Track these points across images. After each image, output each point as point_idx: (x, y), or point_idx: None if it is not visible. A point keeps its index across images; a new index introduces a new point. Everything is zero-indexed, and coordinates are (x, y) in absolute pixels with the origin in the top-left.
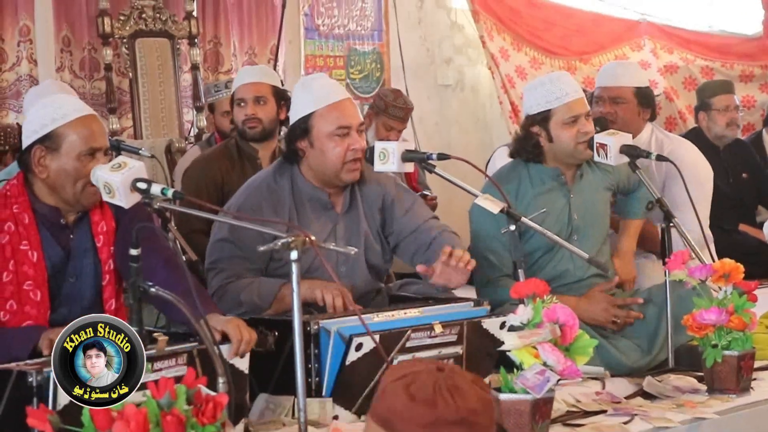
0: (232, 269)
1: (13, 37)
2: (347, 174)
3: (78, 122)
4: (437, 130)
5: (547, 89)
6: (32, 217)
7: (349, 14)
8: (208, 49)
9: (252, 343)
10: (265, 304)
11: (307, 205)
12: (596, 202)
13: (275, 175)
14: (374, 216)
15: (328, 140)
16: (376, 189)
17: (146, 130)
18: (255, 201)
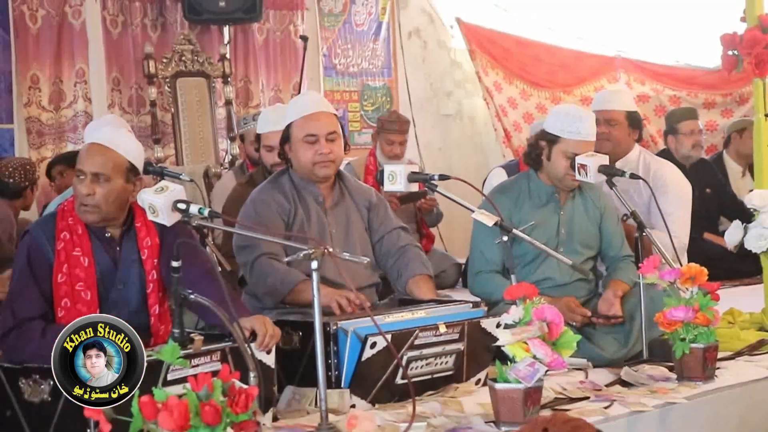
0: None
1: (70, 79)
2: (320, 170)
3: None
4: (440, 154)
5: (570, 121)
6: (84, 228)
7: (362, 54)
8: (240, 87)
9: (276, 337)
10: (284, 291)
11: (305, 196)
12: (582, 222)
13: (275, 177)
14: (362, 212)
15: (300, 145)
16: (362, 190)
17: (186, 157)
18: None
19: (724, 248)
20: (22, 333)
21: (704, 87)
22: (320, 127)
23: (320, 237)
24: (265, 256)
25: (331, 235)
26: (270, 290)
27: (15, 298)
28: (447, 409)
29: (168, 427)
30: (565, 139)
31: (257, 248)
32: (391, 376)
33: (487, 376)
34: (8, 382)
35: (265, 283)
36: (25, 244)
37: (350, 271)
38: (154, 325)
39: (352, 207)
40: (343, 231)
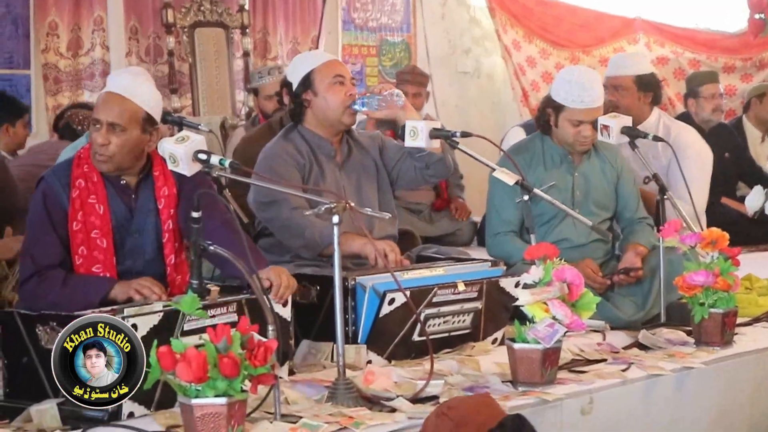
0: (294, 200)
1: (88, 26)
2: (347, 117)
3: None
4: (457, 112)
5: (573, 88)
6: (100, 176)
7: (381, 9)
8: (258, 38)
9: (292, 288)
10: (323, 244)
11: (317, 153)
12: (598, 183)
13: (284, 134)
14: (374, 161)
15: (328, 88)
16: (369, 138)
17: (203, 108)
18: (281, 148)
19: (740, 213)
20: (43, 281)
21: (724, 51)
22: (344, 70)
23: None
24: (299, 209)
25: (344, 190)
26: (308, 243)
27: (33, 245)
28: (464, 368)
29: (186, 378)
30: (569, 107)
31: (285, 203)
32: (409, 333)
33: (504, 335)
34: (25, 329)
35: (303, 236)
36: (40, 191)
37: (366, 225)
38: (170, 275)
39: (362, 159)
40: (355, 186)
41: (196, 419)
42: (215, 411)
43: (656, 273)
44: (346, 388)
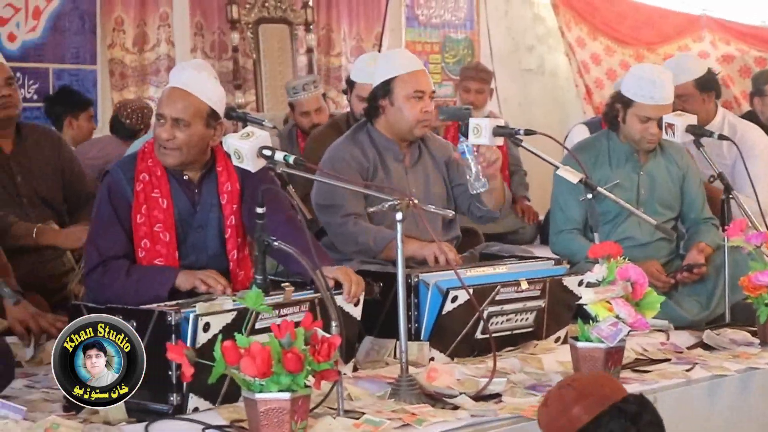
0: (350, 206)
1: (154, 22)
2: (419, 130)
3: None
4: (520, 110)
5: (644, 85)
6: (164, 170)
7: (445, 6)
8: (322, 35)
9: (361, 285)
10: (378, 249)
11: (385, 155)
12: (663, 182)
13: (352, 134)
14: (441, 168)
15: (406, 101)
16: (440, 145)
17: (266, 104)
18: (345, 150)
19: None
20: (108, 270)
21: None
22: (426, 84)
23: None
24: (353, 215)
25: (410, 192)
26: (362, 249)
27: (98, 236)
28: (527, 366)
29: (250, 372)
30: (638, 103)
31: (342, 208)
32: (471, 331)
33: (567, 334)
34: None
35: (356, 242)
36: (105, 184)
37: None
38: (233, 271)
39: (431, 164)
40: (423, 189)
41: (260, 414)
42: (279, 406)
43: (721, 272)
44: (409, 385)
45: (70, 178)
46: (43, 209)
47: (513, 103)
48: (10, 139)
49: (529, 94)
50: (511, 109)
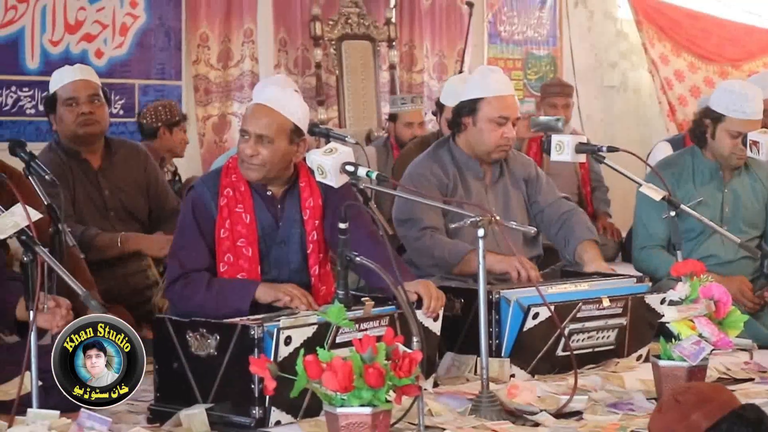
0: (428, 220)
1: (238, 38)
2: (496, 154)
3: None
4: (602, 127)
5: (735, 99)
6: (247, 186)
7: (528, 22)
8: (404, 51)
9: (442, 301)
10: (453, 262)
11: (465, 172)
12: (748, 200)
13: (434, 149)
14: (520, 186)
15: (488, 124)
16: (521, 163)
17: (349, 120)
18: (426, 166)
19: None
20: (188, 283)
21: None
22: (512, 110)
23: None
24: (430, 229)
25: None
26: (437, 262)
27: (181, 249)
28: (608, 384)
29: (332, 386)
30: (729, 117)
31: (420, 222)
32: (552, 348)
33: (648, 352)
34: (176, 335)
35: (432, 255)
36: (189, 198)
37: (510, 247)
38: (315, 286)
39: (511, 182)
40: (502, 208)
41: (341, 428)
42: (360, 420)
43: None
44: (489, 401)
45: (155, 193)
46: (130, 223)
47: (595, 119)
48: (98, 153)
49: (611, 110)
50: (593, 126)
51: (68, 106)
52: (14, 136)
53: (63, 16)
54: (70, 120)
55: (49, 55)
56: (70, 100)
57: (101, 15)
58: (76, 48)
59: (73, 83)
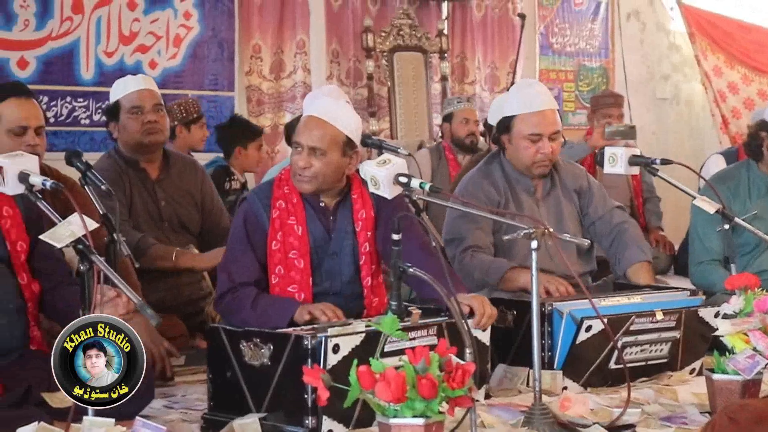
0: (471, 239)
1: (291, 50)
2: (537, 170)
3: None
4: (655, 139)
5: None
6: (299, 197)
7: (580, 34)
8: (456, 63)
9: (493, 317)
10: (493, 281)
11: (516, 187)
12: None
13: (485, 163)
14: (572, 198)
15: (522, 141)
16: (573, 175)
17: (401, 131)
18: (476, 182)
19: None
20: (236, 298)
21: None
22: (546, 126)
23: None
24: (471, 249)
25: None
26: (478, 283)
27: (231, 262)
28: (661, 397)
29: (385, 397)
30: None
31: (463, 241)
32: (605, 361)
33: (702, 365)
34: (230, 344)
35: (473, 276)
36: (242, 210)
37: (563, 260)
38: (367, 297)
39: (563, 195)
40: (555, 221)
41: None
42: (413, 431)
43: None
44: (542, 414)
45: (210, 210)
46: (184, 235)
47: (647, 131)
48: (156, 164)
49: (663, 123)
50: (646, 138)
51: (133, 114)
52: (69, 146)
53: (117, 28)
54: (135, 128)
55: (103, 66)
56: (135, 108)
57: (155, 26)
58: (130, 59)
59: (138, 92)
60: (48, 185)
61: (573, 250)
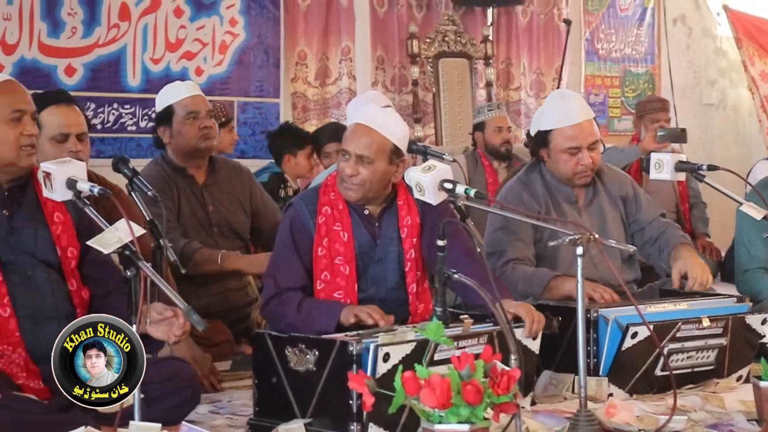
0: (512, 252)
1: (336, 56)
2: (578, 180)
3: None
4: (701, 145)
5: None
6: (345, 204)
7: (625, 40)
8: (501, 69)
9: (542, 324)
10: (536, 291)
11: (557, 196)
12: None
13: (525, 173)
14: (617, 205)
15: (561, 154)
16: (618, 180)
17: (446, 138)
18: (515, 193)
19: None
20: (282, 302)
21: None
22: (584, 138)
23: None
24: (512, 261)
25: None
26: (522, 294)
27: (277, 267)
28: (707, 404)
29: (430, 403)
30: None
31: (504, 254)
32: (651, 367)
33: (749, 373)
34: (275, 350)
35: (516, 288)
36: (288, 216)
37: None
38: (412, 303)
39: (606, 202)
40: (598, 229)
41: None
42: None
43: None
44: (587, 420)
45: (259, 210)
46: (232, 239)
47: (693, 137)
48: (203, 170)
49: (709, 128)
50: (692, 144)
51: (191, 119)
52: (115, 152)
53: (164, 35)
54: (191, 133)
55: (149, 72)
56: (192, 113)
57: (201, 33)
58: (176, 66)
59: (193, 98)
60: (96, 191)
61: (617, 258)
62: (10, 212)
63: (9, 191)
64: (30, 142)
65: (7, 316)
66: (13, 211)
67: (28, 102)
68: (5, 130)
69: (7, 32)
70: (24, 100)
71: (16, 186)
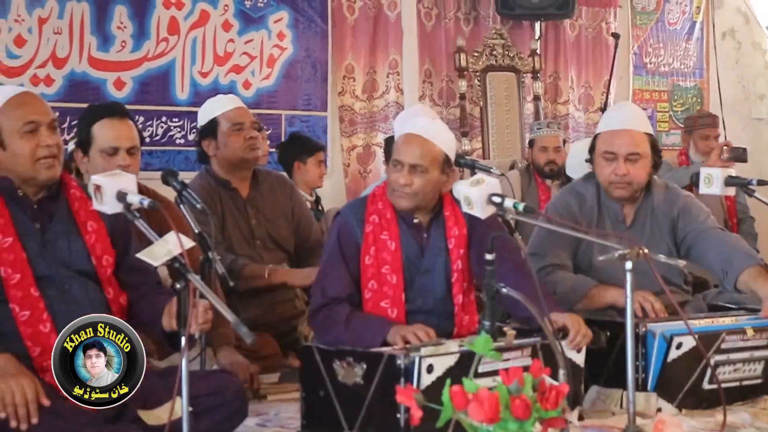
0: (552, 257)
1: (383, 69)
2: (614, 192)
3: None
4: (750, 159)
5: None
6: (393, 213)
7: (674, 54)
8: (549, 83)
9: (588, 337)
10: (576, 299)
11: (603, 213)
12: None
13: (582, 180)
14: (662, 225)
15: (599, 159)
16: (666, 199)
17: (493, 151)
18: (564, 201)
19: None
20: (330, 314)
21: None
22: (621, 145)
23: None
24: (551, 266)
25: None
26: (560, 299)
27: (325, 277)
28: (757, 421)
29: (478, 418)
30: None
31: (543, 258)
32: (698, 381)
33: None
34: (323, 363)
35: (555, 291)
36: (335, 225)
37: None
38: (458, 315)
39: (653, 222)
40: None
41: None
42: None
43: None
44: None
45: (300, 224)
46: (276, 252)
47: None
48: (247, 182)
49: (759, 143)
50: None
51: (237, 131)
52: (164, 165)
53: (212, 48)
54: (237, 144)
55: (198, 86)
56: (238, 125)
57: (249, 47)
58: (224, 79)
59: (237, 110)
60: (146, 204)
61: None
62: (42, 225)
63: (39, 203)
64: (48, 153)
65: (47, 332)
66: (45, 224)
67: (43, 112)
68: (19, 144)
69: (57, 46)
70: (38, 111)
71: (46, 198)
